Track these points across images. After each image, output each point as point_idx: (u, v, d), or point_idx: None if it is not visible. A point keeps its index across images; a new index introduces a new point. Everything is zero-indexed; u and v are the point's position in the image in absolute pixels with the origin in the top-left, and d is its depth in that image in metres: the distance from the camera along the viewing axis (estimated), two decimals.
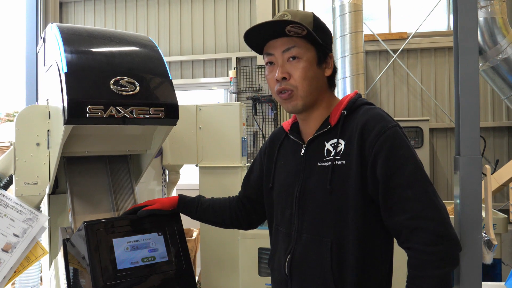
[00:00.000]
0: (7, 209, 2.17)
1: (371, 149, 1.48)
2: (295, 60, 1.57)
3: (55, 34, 2.06)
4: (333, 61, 1.65)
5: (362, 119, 1.53)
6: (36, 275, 3.01)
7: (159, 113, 2.03)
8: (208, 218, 2.00)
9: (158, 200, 2.00)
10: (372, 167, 1.48)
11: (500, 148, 5.88)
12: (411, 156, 1.47)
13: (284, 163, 1.76)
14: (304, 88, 1.58)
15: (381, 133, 1.47)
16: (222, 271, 3.36)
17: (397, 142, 1.47)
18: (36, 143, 2.24)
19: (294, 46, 1.57)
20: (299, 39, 1.57)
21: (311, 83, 1.58)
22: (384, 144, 1.46)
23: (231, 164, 3.35)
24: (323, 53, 1.61)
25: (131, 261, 1.85)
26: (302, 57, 1.57)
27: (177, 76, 6.77)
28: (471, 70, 1.55)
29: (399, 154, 1.46)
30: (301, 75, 1.57)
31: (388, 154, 1.45)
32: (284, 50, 1.58)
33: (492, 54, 4.77)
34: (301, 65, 1.57)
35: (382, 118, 1.52)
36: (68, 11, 7.35)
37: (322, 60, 1.61)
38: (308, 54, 1.58)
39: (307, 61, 1.57)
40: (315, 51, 1.59)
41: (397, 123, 1.52)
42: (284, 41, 1.58)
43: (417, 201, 1.43)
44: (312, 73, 1.58)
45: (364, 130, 1.51)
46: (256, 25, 1.57)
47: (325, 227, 1.55)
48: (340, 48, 5.23)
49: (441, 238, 1.40)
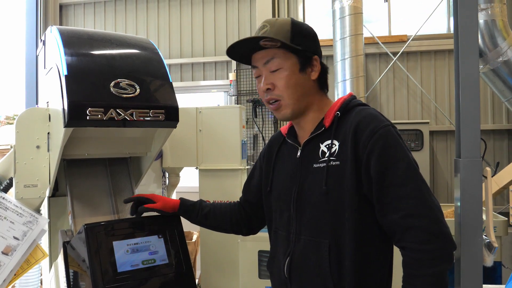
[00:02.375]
0: (7, 212, 2.17)
1: (365, 149, 1.49)
2: (277, 71, 1.62)
3: (55, 36, 2.06)
4: (319, 63, 1.67)
5: (355, 120, 1.55)
6: (36, 278, 3.00)
7: (159, 116, 2.03)
8: (209, 224, 2.00)
9: (162, 198, 1.98)
10: (366, 167, 1.49)
11: (500, 151, 5.87)
12: (404, 155, 1.48)
13: (282, 166, 1.77)
14: (290, 96, 1.62)
15: (373, 133, 1.49)
16: (222, 274, 3.36)
17: (390, 141, 1.49)
18: (36, 146, 2.24)
19: (272, 58, 1.62)
20: (277, 50, 1.61)
21: (296, 90, 1.62)
22: (376, 143, 1.47)
23: (231, 166, 3.35)
24: (305, 58, 1.63)
25: (131, 263, 1.85)
26: (282, 66, 1.61)
27: (177, 79, 6.76)
28: (471, 72, 1.55)
29: (392, 153, 1.47)
30: (284, 84, 1.61)
31: (380, 153, 1.47)
32: (265, 63, 1.64)
33: (493, 56, 4.76)
34: (283, 74, 1.61)
35: (374, 118, 1.54)
36: (68, 14, 7.34)
37: (305, 65, 1.64)
38: (288, 62, 1.62)
39: (288, 69, 1.61)
40: (296, 58, 1.62)
41: (390, 122, 1.54)
42: (263, 54, 1.65)
43: (410, 199, 1.44)
44: (294, 80, 1.62)
45: (357, 130, 1.52)
46: (235, 43, 1.63)
47: (322, 228, 1.56)
48: (340, 51, 5.22)
49: (435, 236, 1.41)
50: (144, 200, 1.97)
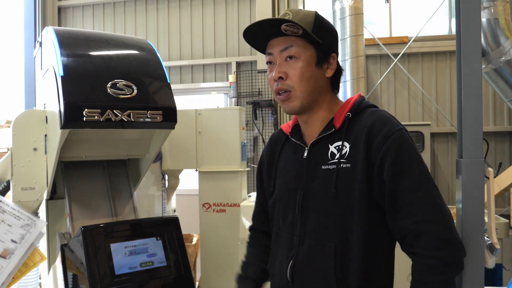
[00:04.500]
0: (5, 215, 2.15)
1: (378, 152, 1.45)
2: (292, 60, 1.55)
3: (52, 37, 2.05)
4: (336, 62, 1.61)
5: (368, 122, 1.51)
6: (35, 281, 2.98)
7: (157, 117, 2.01)
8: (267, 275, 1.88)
9: None
10: (379, 170, 1.46)
11: (502, 153, 5.86)
12: (417, 159, 1.46)
13: (285, 166, 1.72)
14: (301, 89, 1.55)
15: (388, 136, 1.46)
16: (222, 276, 3.34)
17: (404, 145, 1.46)
18: (33, 148, 2.23)
19: (291, 46, 1.54)
20: (297, 38, 1.54)
21: (309, 84, 1.55)
22: (391, 147, 1.44)
23: (231, 168, 3.34)
24: (323, 53, 1.57)
25: (129, 266, 1.84)
26: (299, 56, 1.54)
27: (176, 81, 6.75)
28: (474, 71, 1.53)
29: (406, 157, 1.44)
30: (298, 74, 1.54)
31: (395, 156, 1.44)
32: (282, 50, 1.56)
33: (495, 56, 4.73)
34: (299, 64, 1.54)
35: (388, 120, 1.51)
36: (66, 16, 7.34)
37: (323, 60, 1.57)
38: (306, 53, 1.54)
39: (304, 60, 1.54)
40: (314, 50, 1.56)
41: (403, 126, 1.51)
42: (282, 40, 1.56)
43: (423, 204, 1.41)
44: (309, 73, 1.55)
45: (370, 133, 1.48)
46: (254, 23, 1.54)
47: (328, 232, 1.53)
48: (340, 52, 5.18)
49: (446, 242, 1.39)
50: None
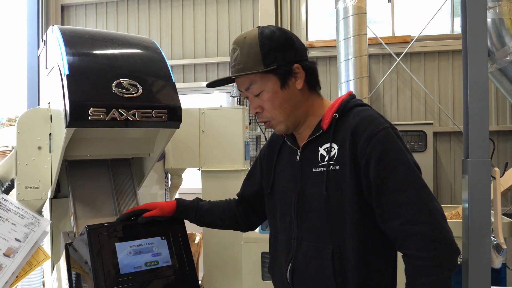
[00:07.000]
0: (9, 214, 2.15)
1: (363, 153, 1.45)
2: (260, 95, 1.59)
3: (57, 36, 2.04)
4: (302, 68, 1.59)
5: (353, 122, 1.51)
6: (38, 280, 2.99)
7: (162, 116, 2.01)
8: (208, 222, 1.98)
9: (157, 204, 1.95)
10: (365, 171, 1.46)
11: (505, 152, 5.84)
12: (403, 158, 1.44)
13: (282, 169, 1.75)
14: (279, 116, 1.60)
15: (372, 136, 1.45)
16: (225, 276, 3.34)
17: (388, 145, 1.45)
18: (37, 147, 2.22)
19: (251, 84, 1.59)
20: (253, 75, 1.57)
21: (283, 108, 1.59)
22: (375, 147, 1.44)
23: (234, 167, 3.33)
24: (284, 73, 1.57)
25: (134, 265, 1.84)
26: (263, 89, 1.58)
27: (179, 80, 6.74)
28: (480, 71, 1.53)
29: (391, 158, 1.44)
30: (270, 106, 1.59)
31: (379, 157, 1.43)
32: (246, 89, 1.61)
33: (500, 55, 4.70)
34: (266, 97, 1.58)
35: (373, 120, 1.50)
36: (69, 15, 7.33)
37: (287, 78, 1.58)
38: (268, 84, 1.57)
39: (269, 91, 1.57)
40: (275, 76, 1.57)
41: (389, 124, 1.50)
42: (241, 81, 1.62)
43: (411, 205, 1.41)
44: (279, 99, 1.58)
45: (355, 134, 1.48)
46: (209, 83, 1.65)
47: (324, 234, 1.54)
48: (343, 51, 5.19)
49: (436, 242, 1.38)
50: (141, 211, 1.93)
